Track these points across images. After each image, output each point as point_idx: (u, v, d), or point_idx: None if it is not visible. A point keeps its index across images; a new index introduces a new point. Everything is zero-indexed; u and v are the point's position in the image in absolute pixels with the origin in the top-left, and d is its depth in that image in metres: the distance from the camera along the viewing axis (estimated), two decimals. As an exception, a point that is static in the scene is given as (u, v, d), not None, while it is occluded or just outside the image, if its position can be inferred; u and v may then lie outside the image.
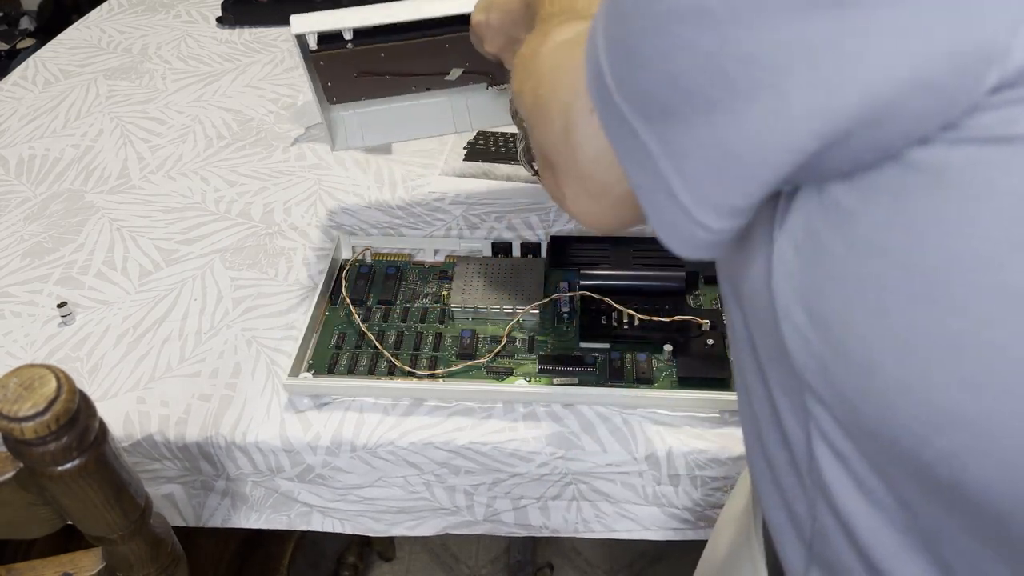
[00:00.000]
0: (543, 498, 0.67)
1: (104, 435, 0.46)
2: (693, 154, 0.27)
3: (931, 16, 0.21)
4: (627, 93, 0.29)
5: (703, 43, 0.25)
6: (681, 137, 0.27)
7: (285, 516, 0.70)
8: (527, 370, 0.66)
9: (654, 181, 0.29)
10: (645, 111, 0.28)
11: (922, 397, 0.25)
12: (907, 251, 0.24)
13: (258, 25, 1.23)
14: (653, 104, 0.28)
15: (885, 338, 0.26)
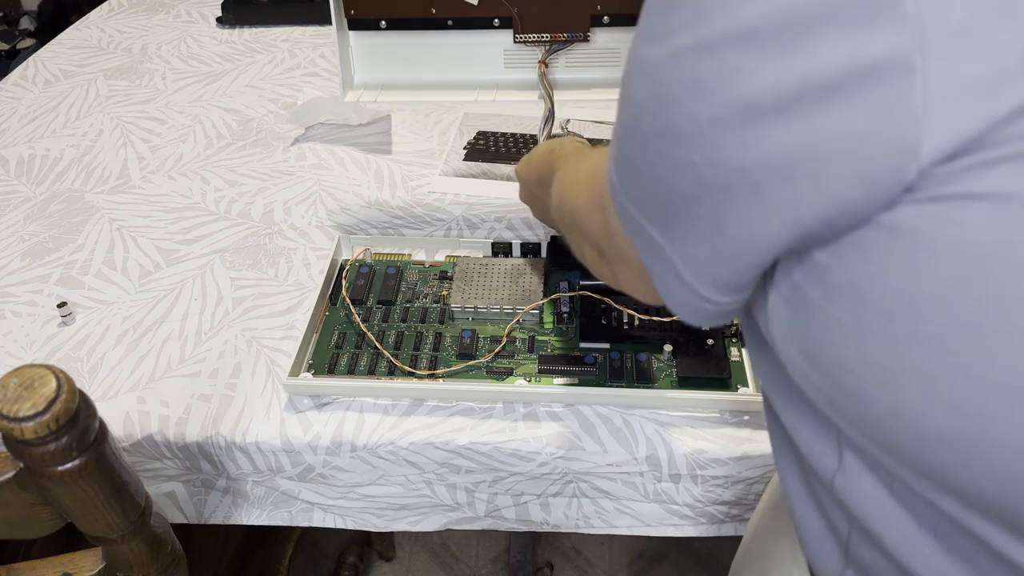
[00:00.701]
0: (544, 495, 0.67)
1: (104, 435, 0.46)
2: (690, 243, 0.32)
3: (856, 119, 0.25)
4: (630, 195, 0.34)
5: (682, 155, 0.29)
6: (678, 229, 0.32)
7: (286, 513, 0.70)
8: (527, 370, 0.66)
9: (663, 265, 0.34)
10: (645, 209, 0.33)
11: (909, 423, 0.28)
12: (877, 296, 0.27)
13: (258, 25, 1.23)
14: (650, 204, 0.33)
15: (869, 372, 0.29)
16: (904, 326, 0.27)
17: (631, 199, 0.34)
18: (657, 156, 0.31)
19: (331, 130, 0.99)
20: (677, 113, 0.29)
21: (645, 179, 0.32)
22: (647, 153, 0.31)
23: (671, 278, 0.33)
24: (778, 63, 0.25)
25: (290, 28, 1.22)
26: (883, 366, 0.28)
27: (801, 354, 0.31)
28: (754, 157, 0.27)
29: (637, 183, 0.33)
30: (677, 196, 0.31)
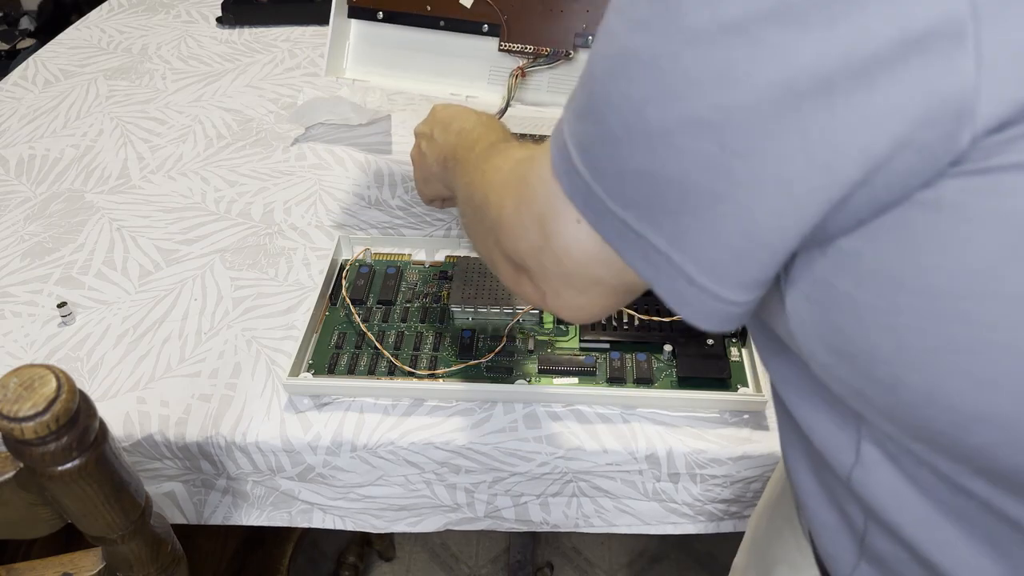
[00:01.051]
0: (543, 495, 0.67)
1: (104, 435, 0.46)
2: (707, 243, 0.29)
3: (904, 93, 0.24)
4: (627, 203, 0.31)
5: (703, 148, 0.27)
6: (692, 232, 0.29)
7: (286, 513, 0.70)
8: (527, 370, 0.66)
9: (670, 272, 0.31)
10: (650, 216, 0.30)
11: (946, 404, 0.28)
12: (913, 275, 0.27)
13: (258, 25, 1.23)
14: (657, 208, 0.30)
15: (904, 357, 0.28)
16: (944, 304, 0.26)
17: (624, 206, 0.31)
18: (668, 154, 0.28)
19: (331, 130, 0.99)
20: (699, 103, 0.27)
21: (647, 182, 0.30)
22: (653, 152, 0.29)
23: (683, 286, 0.31)
24: (819, 37, 0.24)
25: (290, 28, 1.23)
26: (920, 348, 0.27)
27: (827, 349, 0.31)
28: (791, 144, 0.26)
29: (635, 188, 0.30)
30: (692, 195, 0.28)
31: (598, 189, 0.32)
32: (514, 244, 0.38)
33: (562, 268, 0.36)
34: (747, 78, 0.25)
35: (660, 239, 0.30)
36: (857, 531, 0.38)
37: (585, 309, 0.38)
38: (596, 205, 0.32)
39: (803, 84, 0.25)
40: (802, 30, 0.24)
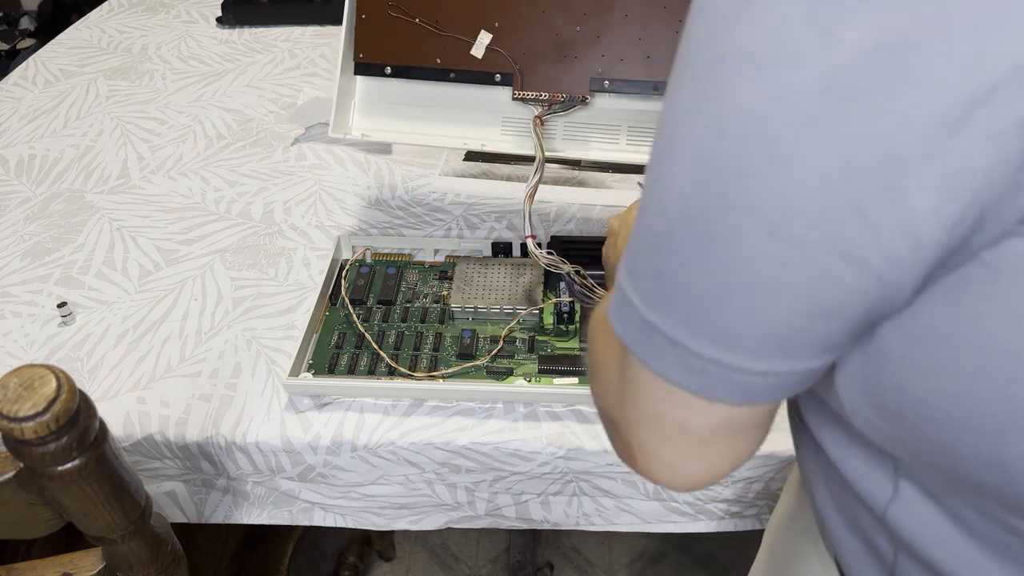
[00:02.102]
0: (544, 494, 0.67)
1: (104, 435, 0.46)
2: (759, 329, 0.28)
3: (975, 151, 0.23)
4: (661, 306, 0.30)
5: (755, 234, 0.26)
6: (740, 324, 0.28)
7: (287, 512, 0.70)
8: (527, 370, 0.66)
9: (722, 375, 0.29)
10: (688, 319, 0.29)
11: (1001, 463, 0.27)
12: (971, 336, 0.26)
13: (258, 25, 1.23)
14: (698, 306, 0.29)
15: (958, 418, 0.27)
16: (1001, 365, 0.25)
17: (659, 310, 0.30)
18: (714, 244, 0.27)
19: (331, 130, 0.99)
20: (751, 188, 0.26)
21: (684, 278, 0.28)
22: (696, 244, 0.28)
23: (743, 379, 0.29)
24: (881, 112, 0.23)
25: (290, 28, 1.23)
26: (975, 410, 0.26)
27: (873, 408, 0.30)
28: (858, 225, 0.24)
29: (671, 287, 0.29)
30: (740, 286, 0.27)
31: (635, 299, 0.30)
32: (603, 393, 0.36)
33: (640, 412, 0.33)
34: (803, 161, 0.24)
35: (703, 343, 0.29)
36: (886, 562, 0.38)
37: (680, 468, 0.34)
38: (635, 321, 0.31)
39: (865, 161, 0.24)
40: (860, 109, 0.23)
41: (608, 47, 0.67)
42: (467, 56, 0.70)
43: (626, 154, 0.72)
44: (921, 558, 0.35)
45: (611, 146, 0.72)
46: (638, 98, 0.69)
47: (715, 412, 0.31)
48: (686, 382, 0.30)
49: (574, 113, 0.71)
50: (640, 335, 0.31)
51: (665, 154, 0.29)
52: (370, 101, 0.74)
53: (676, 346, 0.30)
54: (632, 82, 0.68)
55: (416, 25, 0.69)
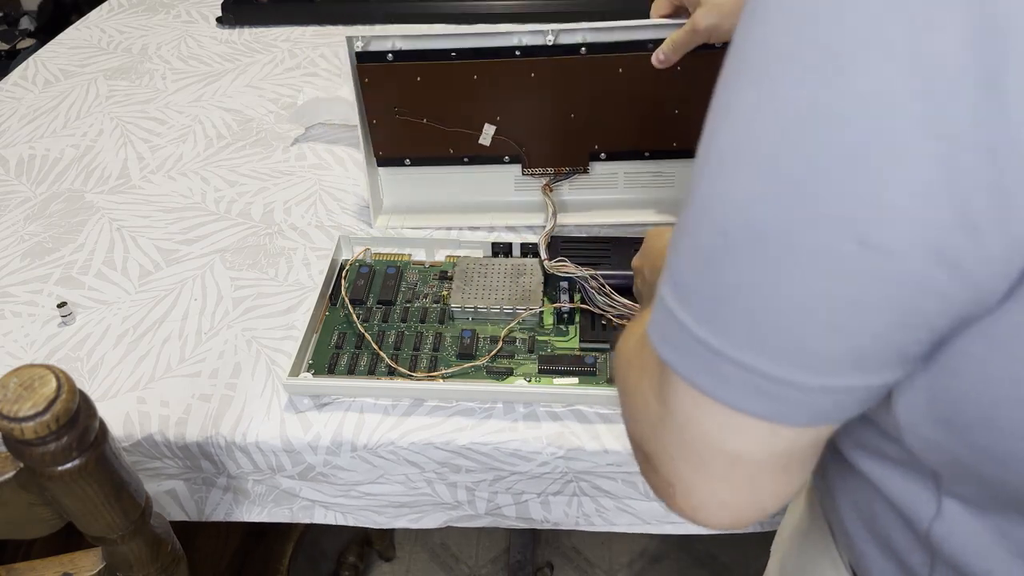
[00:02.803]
0: (544, 493, 0.67)
1: (104, 435, 0.46)
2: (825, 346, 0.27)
3: None
4: (722, 330, 0.28)
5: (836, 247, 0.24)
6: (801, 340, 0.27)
7: (287, 510, 0.70)
8: (527, 370, 0.66)
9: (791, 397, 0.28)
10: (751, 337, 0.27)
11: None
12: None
13: (258, 25, 1.23)
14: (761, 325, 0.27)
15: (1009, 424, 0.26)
16: None
17: (720, 335, 0.28)
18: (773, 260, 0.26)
19: (331, 130, 0.99)
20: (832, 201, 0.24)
21: (746, 296, 0.27)
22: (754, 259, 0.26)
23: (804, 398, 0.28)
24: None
25: (290, 28, 1.23)
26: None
27: (935, 424, 0.29)
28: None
29: (733, 307, 0.27)
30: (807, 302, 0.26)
31: (688, 320, 0.28)
32: (636, 421, 0.34)
33: (684, 445, 0.31)
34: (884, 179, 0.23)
35: (774, 364, 0.27)
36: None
37: (728, 506, 0.31)
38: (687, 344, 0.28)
39: (969, 160, 0.22)
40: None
41: (603, 124, 0.75)
42: (476, 145, 0.78)
43: (625, 197, 0.82)
44: (967, 573, 0.34)
45: (611, 190, 0.82)
46: (631, 161, 0.79)
47: (778, 439, 0.29)
48: (752, 406, 0.28)
49: (576, 179, 0.81)
50: (694, 359, 0.29)
51: (719, 166, 0.27)
52: (395, 185, 0.83)
53: (741, 368, 0.27)
54: (625, 151, 0.78)
55: (424, 124, 0.76)
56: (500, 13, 1.20)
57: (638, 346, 0.34)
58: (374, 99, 0.75)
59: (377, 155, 0.80)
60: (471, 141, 0.77)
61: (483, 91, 0.74)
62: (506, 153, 0.78)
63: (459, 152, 0.79)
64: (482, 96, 0.75)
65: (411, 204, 0.83)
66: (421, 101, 0.75)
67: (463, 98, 0.75)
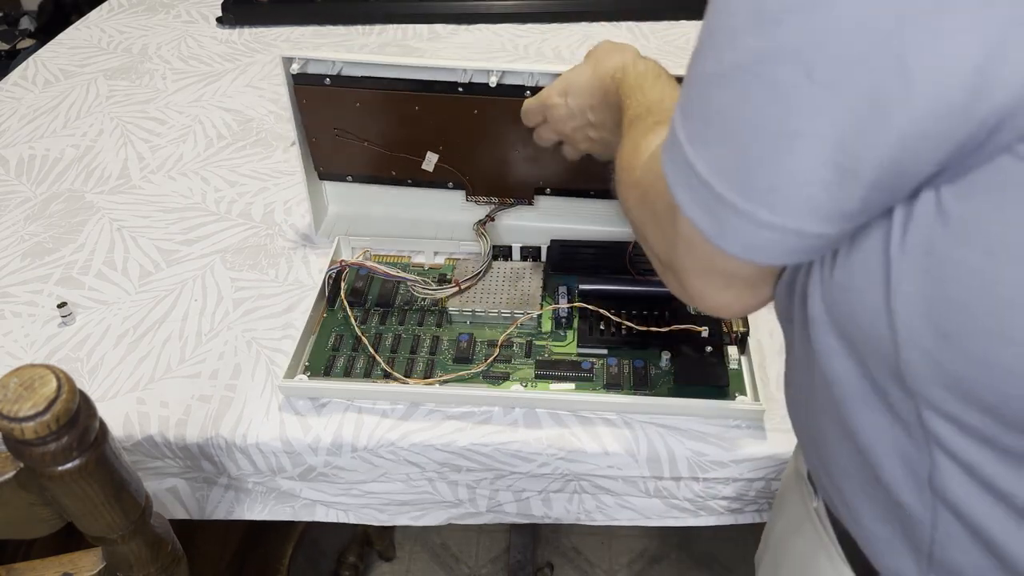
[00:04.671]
0: (545, 491, 0.67)
1: (104, 435, 0.46)
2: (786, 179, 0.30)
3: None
4: (704, 144, 0.32)
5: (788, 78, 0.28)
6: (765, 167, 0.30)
7: (289, 508, 0.70)
8: (524, 375, 0.66)
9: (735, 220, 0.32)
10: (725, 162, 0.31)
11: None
12: (1009, 236, 0.26)
13: (258, 25, 1.23)
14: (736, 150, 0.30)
15: (1002, 328, 0.28)
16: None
17: (698, 150, 0.32)
18: (751, 86, 0.29)
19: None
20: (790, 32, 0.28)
21: (725, 119, 0.30)
22: (735, 85, 0.30)
23: (752, 230, 0.31)
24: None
25: (290, 28, 1.23)
26: (1017, 322, 0.27)
27: (931, 329, 0.30)
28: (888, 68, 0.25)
29: (716, 129, 0.31)
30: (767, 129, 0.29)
31: (682, 137, 0.32)
32: (657, 241, 0.39)
33: (696, 260, 0.36)
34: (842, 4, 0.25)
35: (728, 184, 0.31)
36: (922, 546, 0.37)
37: (731, 303, 0.38)
38: (679, 161, 0.33)
39: (911, 4, 0.24)
40: None
41: (547, 159, 0.72)
42: (419, 170, 0.76)
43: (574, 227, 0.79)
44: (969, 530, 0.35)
45: (558, 221, 0.79)
46: (577, 199, 0.77)
47: (740, 264, 0.34)
48: (705, 225, 0.32)
49: (523, 210, 0.79)
50: (680, 174, 0.33)
51: (724, 3, 0.30)
52: (340, 197, 0.82)
53: (705, 187, 0.32)
54: (571, 190, 0.76)
55: (366, 146, 0.75)
56: (500, 13, 1.20)
57: (650, 178, 0.39)
58: (313, 119, 0.74)
59: (318, 170, 0.78)
60: (414, 166, 0.76)
61: (425, 122, 0.72)
62: (450, 180, 0.77)
63: (402, 175, 0.77)
64: (424, 126, 0.73)
65: (356, 216, 0.81)
66: (361, 125, 0.74)
67: (404, 126, 0.73)
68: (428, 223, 0.79)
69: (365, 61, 0.70)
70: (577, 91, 0.60)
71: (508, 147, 0.73)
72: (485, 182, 0.77)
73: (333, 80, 0.70)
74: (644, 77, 0.54)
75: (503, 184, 0.76)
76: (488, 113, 0.71)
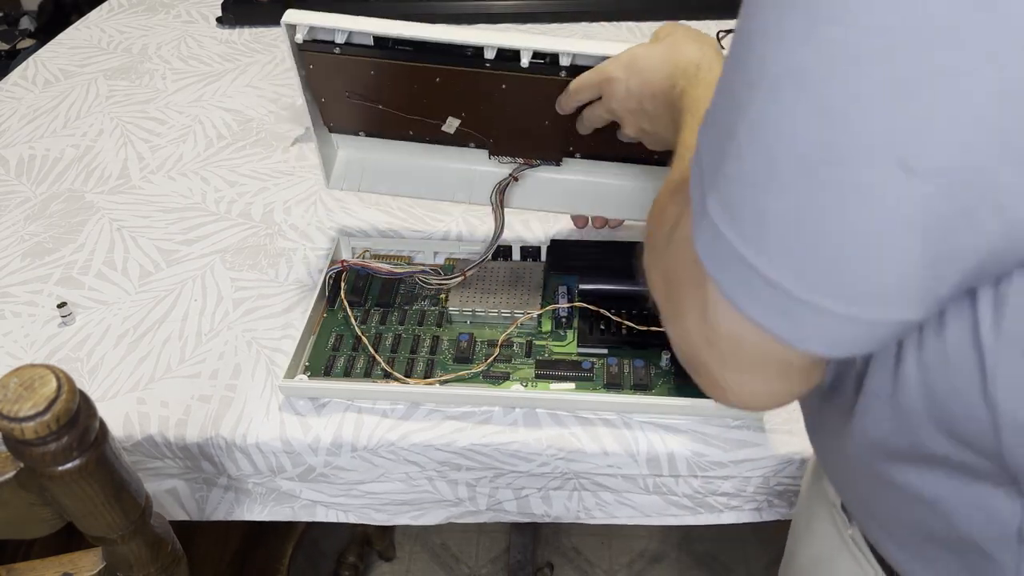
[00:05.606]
0: (545, 488, 0.67)
1: (104, 435, 0.46)
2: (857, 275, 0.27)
3: None
4: (762, 247, 0.28)
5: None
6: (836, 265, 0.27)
7: (289, 508, 0.70)
8: (524, 375, 0.66)
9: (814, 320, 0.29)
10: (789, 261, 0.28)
11: None
12: None
13: (258, 25, 1.23)
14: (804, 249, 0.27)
15: None
16: None
17: (759, 250, 0.28)
18: (817, 183, 0.26)
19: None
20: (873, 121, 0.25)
21: (791, 216, 0.27)
22: (799, 182, 0.27)
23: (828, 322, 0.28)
24: None
25: (290, 28, 1.22)
26: None
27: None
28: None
29: (776, 227, 0.28)
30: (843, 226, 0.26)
31: (732, 236, 0.29)
32: (681, 331, 0.35)
33: (731, 359, 0.32)
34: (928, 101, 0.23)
35: (807, 287, 0.28)
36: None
37: (768, 395, 0.34)
38: (729, 259, 0.29)
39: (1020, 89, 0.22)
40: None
41: (579, 135, 0.66)
42: (438, 132, 0.69)
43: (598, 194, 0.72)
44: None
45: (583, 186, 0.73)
46: (608, 163, 0.71)
47: (805, 356, 0.31)
48: (779, 327, 0.29)
49: (549, 171, 0.73)
50: (735, 278, 0.30)
51: (770, 93, 0.26)
52: (354, 160, 0.74)
53: (773, 288, 0.28)
54: (603, 155, 0.70)
55: (380, 109, 0.68)
56: (500, 13, 1.20)
57: (684, 258, 0.34)
58: (320, 83, 0.68)
59: (328, 126, 0.72)
60: (434, 128, 0.70)
61: (446, 91, 0.66)
62: (471, 141, 0.71)
63: (419, 134, 0.71)
64: (445, 95, 0.66)
65: (370, 167, 0.75)
66: (375, 91, 0.67)
67: (423, 95, 0.67)
68: (449, 173, 0.74)
69: (379, 32, 0.62)
70: (642, 71, 0.55)
71: (537, 119, 0.68)
72: (510, 142, 0.71)
73: (343, 49, 0.63)
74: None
75: (528, 146, 0.71)
76: (518, 90, 0.65)
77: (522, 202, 0.73)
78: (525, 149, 0.71)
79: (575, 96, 0.61)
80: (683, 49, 0.54)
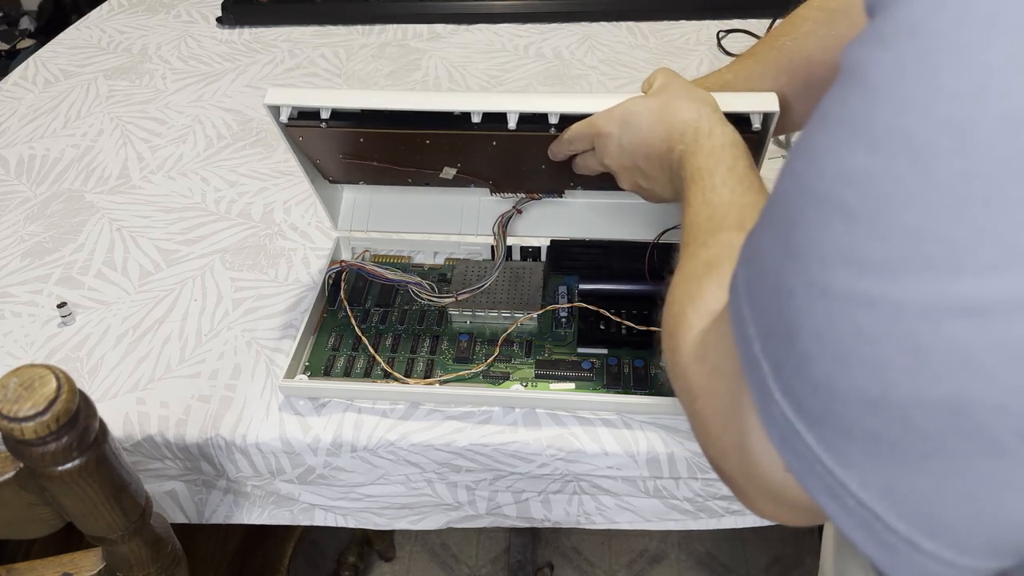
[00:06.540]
0: (544, 492, 0.67)
1: (104, 435, 0.46)
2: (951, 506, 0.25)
3: None
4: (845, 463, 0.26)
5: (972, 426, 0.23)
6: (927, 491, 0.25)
7: (288, 512, 0.70)
8: (524, 375, 0.66)
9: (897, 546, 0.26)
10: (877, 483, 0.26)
11: None
12: None
13: (258, 25, 1.23)
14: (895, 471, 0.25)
15: None
16: None
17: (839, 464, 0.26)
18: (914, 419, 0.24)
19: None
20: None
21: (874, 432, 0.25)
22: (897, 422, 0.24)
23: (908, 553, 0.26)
24: None
25: (290, 28, 1.23)
26: None
27: None
28: None
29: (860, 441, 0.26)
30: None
31: (828, 460, 0.27)
32: (708, 442, 0.34)
33: (763, 483, 0.31)
34: None
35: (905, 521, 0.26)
36: None
37: (790, 519, 0.34)
38: (818, 471, 0.27)
39: None
40: None
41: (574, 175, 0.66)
42: (437, 179, 0.71)
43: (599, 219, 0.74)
44: None
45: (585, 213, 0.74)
46: (609, 191, 0.71)
47: None
48: (865, 545, 0.27)
49: (552, 203, 0.74)
50: (815, 477, 0.27)
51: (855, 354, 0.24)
52: (360, 202, 0.77)
53: (865, 510, 0.26)
54: (603, 186, 0.69)
55: (375, 165, 0.69)
56: (499, 13, 1.20)
57: (719, 390, 0.32)
58: (313, 150, 0.68)
59: (327, 179, 0.74)
60: (432, 176, 0.71)
61: (438, 151, 0.66)
62: (471, 183, 0.72)
63: (418, 181, 0.72)
64: (438, 153, 0.67)
65: (375, 205, 0.76)
66: (367, 153, 0.67)
67: (416, 153, 0.67)
68: (455, 208, 0.75)
69: (361, 107, 0.62)
70: (637, 128, 0.53)
71: (533, 165, 0.67)
72: (511, 181, 0.72)
73: (329, 123, 0.63)
74: (717, 159, 0.47)
75: (531, 181, 0.72)
76: (509, 147, 0.64)
77: (527, 230, 0.75)
78: (526, 186, 0.73)
79: (568, 146, 0.59)
80: (679, 108, 0.51)
